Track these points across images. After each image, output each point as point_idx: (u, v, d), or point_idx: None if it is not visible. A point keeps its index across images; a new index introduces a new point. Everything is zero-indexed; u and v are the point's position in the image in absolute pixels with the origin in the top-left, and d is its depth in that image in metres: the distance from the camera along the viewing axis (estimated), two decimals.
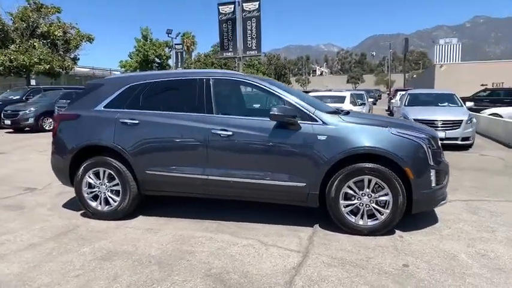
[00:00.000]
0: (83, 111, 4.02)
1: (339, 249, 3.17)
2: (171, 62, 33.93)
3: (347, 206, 3.45)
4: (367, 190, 3.39)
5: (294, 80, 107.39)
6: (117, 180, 3.86)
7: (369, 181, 3.37)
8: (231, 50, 15.37)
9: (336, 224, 3.54)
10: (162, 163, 3.77)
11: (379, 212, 3.40)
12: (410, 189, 3.32)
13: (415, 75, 74.78)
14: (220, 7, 15.59)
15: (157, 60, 33.33)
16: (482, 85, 26.79)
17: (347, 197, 3.45)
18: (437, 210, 3.95)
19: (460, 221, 3.79)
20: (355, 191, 3.42)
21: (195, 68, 44.77)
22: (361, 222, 3.44)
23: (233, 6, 15.20)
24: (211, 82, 3.80)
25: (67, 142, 4.00)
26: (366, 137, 3.38)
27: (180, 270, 2.82)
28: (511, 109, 12.64)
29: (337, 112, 3.77)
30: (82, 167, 3.91)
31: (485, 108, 13.49)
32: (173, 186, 3.82)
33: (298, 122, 3.45)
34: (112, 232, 3.62)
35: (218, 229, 3.67)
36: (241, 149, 3.60)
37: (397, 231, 3.50)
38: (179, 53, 31.61)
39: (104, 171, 3.89)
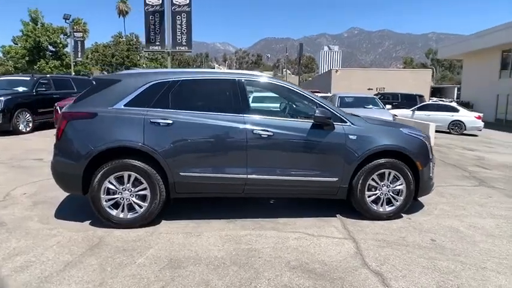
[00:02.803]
0: (100, 110, 3.60)
1: (375, 233, 3.68)
2: (68, 50, 29.91)
3: (370, 196, 3.99)
4: (387, 181, 3.99)
5: None
6: (144, 184, 3.60)
7: (389, 174, 3.97)
8: (158, 43, 14.62)
9: (357, 212, 4.06)
10: (198, 164, 3.68)
11: (395, 199, 4.04)
12: (418, 179, 4.04)
13: (310, 78, 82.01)
14: None
15: (51, 48, 28.96)
16: (368, 89, 31.37)
17: (370, 188, 3.98)
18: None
19: (438, 203, 4.72)
20: (377, 183, 3.97)
21: (92, 58, 40.52)
22: (381, 209, 4.02)
23: None
24: (244, 82, 3.86)
25: (82, 144, 3.53)
26: (386, 136, 3.97)
27: (263, 268, 2.91)
28: (404, 110, 15.32)
29: (354, 115, 4.27)
30: (101, 172, 3.52)
31: None
32: (210, 187, 3.76)
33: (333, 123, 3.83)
34: (151, 240, 3.39)
35: (257, 226, 3.78)
36: (280, 149, 3.78)
37: (403, 215, 4.19)
38: (79, 42, 28.14)
39: (129, 176, 3.58)
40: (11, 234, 3.48)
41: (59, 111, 10.39)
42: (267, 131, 3.71)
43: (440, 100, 30.91)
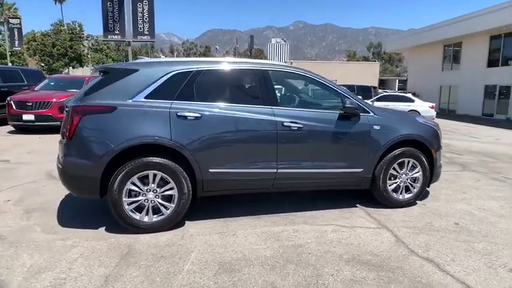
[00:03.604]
0: (119, 103, 3.22)
1: (402, 221, 3.77)
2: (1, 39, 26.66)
3: (391, 185, 4.08)
4: (406, 170, 4.10)
5: None
6: (171, 184, 3.31)
7: (408, 162, 4.08)
8: (117, 32, 13.56)
9: (375, 201, 4.14)
10: (228, 160, 3.46)
11: (413, 186, 4.17)
12: (432, 166, 4.21)
13: None
14: None
15: None
16: None
17: (390, 177, 4.07)
18: None
19: (438, 188, 4.98)
20: (397, 171, 4.07)
21: (29, 48, 36.77)
22: (400, 197, 4.14)
23: None
24: (270, 72, 3.70)
25: (100, 142, 3.13)
26: (406, 125, 4.07)
27: (319, 264, 2.83)
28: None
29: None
30: (123, 172, 3.16)
31: None
32: (240, 183, 3.57)
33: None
34: (186, 243, 3.14)
35: (287, 222, 3.68)
36: (310, 141, 3.70)
37: (417, 201, 4.35)
38: (15, 29, 25.19)
39: (154, 175, 3.26)
40: (17, 248, 3.00)
41: (14, 106, 9.28)
42: (296, 123, 3.60)
43: (384, 91, 33.00)
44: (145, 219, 3.31)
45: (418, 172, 4.14)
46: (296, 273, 2.68)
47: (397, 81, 60.76)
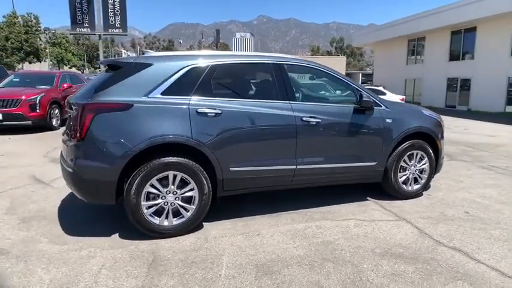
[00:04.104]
0: (135, 99, 2.98)
1: (416, 212, 3.84)
2: None
3: (401, 177, 4.14)
4: (414, 162, 4.18)
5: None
6: (191, 184, 3.13)
7: (416, 154, 4.16)
8: (86, 25, 12.72)
9: (384, 193, 4.21)
10: (249, 158, 3.34)
11: (420, 178, 4.27)
12: (437, 157, 4.33)
13: None
14: None
15: None
16: None
17: (400, 169, 4.13)
18: None
19: (438, 178, 5.14)
20: (407, 163, 4.14)
21: None
22: (409, 188, 4.22)
23: None
24: (285, 67, 3.60)
25: (116, 143, 2.89)
26: (414, 118, 4.15)
27: (356, 260, 2.80)
28: None
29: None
30: (142, 174, 2.94)
31: None
32: (261, 181, 3.46)
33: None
34: (212, 246, 2.99)
35: (307, 218, 3.63)
36: (327, 135, 3.66)
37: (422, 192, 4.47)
38: None
39: (175, 176, 3.07)
40: (27, 263, 2.71)
41: None
42: (314, 117, 3.54)
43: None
44: (165, 223, 3.11)
45: (425, 164, 4.24)
46: (337, 271, 2.64)
47: (360, 75, 62.83)
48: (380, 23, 27.17)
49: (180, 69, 3.19)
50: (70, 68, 48.79)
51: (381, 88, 18.23)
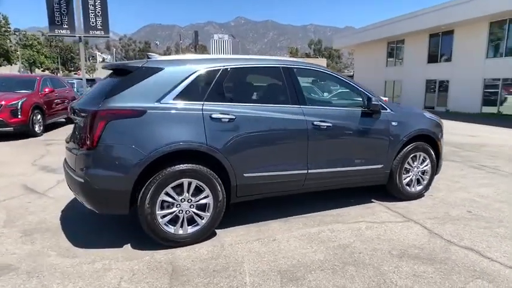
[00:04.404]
0: (148, 105, 2.90)
1: (421, 212, 3.93)
2: None
3: (405, 178, 4.23)
4: (417, 163, 4.28)
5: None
6: (206, 192, 3.08)
7: (419, 156, 4.26)
8: (66, 26, 12.29)
9: (387, 195, 4.29)
10: (262, 163, 3.32)
11: (422, 179, 4.37)
12: (438, 158, 4.44)
13: None
14: None
15: None
16: None
17: (404, 171, 4.21)
18: None
19: (437, 179, 5.21)
20: (410, 165, 4.23)
21: None
22: (413, 189, 4.31)
23: None
24: (295, 71, 3.60)
25: (130, 150, 2.79)
26: (417, 121, 4.25)
27: (376, 262, 2.82)
28: None
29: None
30: (157, 182, 2.87)
31: None
32: (273, 186, 3.44)
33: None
34: (230, 254, 2.94)
35: (318, 222, 3.64)
36: (337, 139, 3.69)
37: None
38: None
39: (189, 183, 3.01)
40: (40, 279, 2.58)
41: None
42: (325, 121, 3.57)
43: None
44: (180, 231, 3.04)
45: (427, 165, 4.35)
46: (360, 274, 2.65)
47: None
48: (356, 25, 27.81)
49: (192, 74, 3.13)
50: (43, 71, 46.98)
51: None
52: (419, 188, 4.36)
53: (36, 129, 9.30)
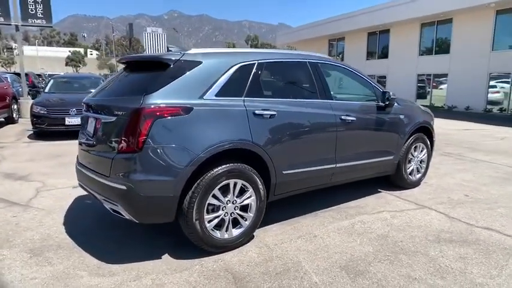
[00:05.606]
0: (193, 102, 2.65)
1: (428, 199, 4.21)
2: None
3: (409, 167, 4.49)
4: (418, 153, 4.57)
5: None
6: (249, 192, 2.94)
7: (419, 146, 4.56)
8: (0, 14, 10.72)
9: (390, 184, 4.53)
10: (299, 160, 3.26)
11: (421, 167, 4.69)
12: (432, 147, 4.80)
13: None
14: None
15: None
16: None
17: (408, 161, 4.47)
18: None
19: (436, 165, 5.63)
20: (413, 155, 4.51)
21: None
22: (414, 178, 4.60)
23: None
24: (320, 65, 3.59)
25: (180, 152, 2.53)
26: (418, 113, 4.53)
27: (422, 249, 2.95)
28: None
29: None
30: (205, 184, 2.66)
31: None
32: (306, 182, 3.41)
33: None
34: (281, 254, 2.85)
35: (345, 215, 3.69)
36: (359, 133, 3.77)
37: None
38: None
39: (235, 184, 2.84)
40: None
41: None
42: (349, 115, 3.62)
43: None
44: (226, 235, 2.87)
45: (425, 154, 4.67)
46: (415, 262, 2.75)
47: None
48: (288, 22, 28.67)
49: (230, 67, 2.94)
50: None
51: None
52: (418, 176, 4.67)
53: None
